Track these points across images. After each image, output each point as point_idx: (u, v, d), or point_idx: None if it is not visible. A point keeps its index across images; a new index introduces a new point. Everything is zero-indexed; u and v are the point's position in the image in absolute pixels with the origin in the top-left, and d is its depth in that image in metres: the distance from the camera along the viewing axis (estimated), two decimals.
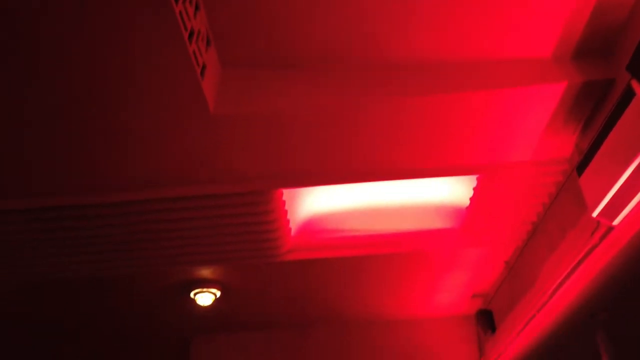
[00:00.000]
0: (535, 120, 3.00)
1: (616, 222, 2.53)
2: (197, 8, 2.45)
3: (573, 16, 2.58)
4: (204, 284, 4.60)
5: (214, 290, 4.62)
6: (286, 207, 3.91)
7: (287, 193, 3.85)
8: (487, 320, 4.50)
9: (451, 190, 3.98)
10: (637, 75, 2.31)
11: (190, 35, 2.40)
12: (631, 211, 2.41)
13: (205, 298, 4.64)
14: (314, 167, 3.41)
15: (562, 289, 3.07)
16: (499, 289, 4.50)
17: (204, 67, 2.62)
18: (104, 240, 3.88)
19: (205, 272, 4.52)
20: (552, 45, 2.76)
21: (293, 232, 4.21)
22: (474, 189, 3.71)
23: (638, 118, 2.17)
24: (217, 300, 4.76)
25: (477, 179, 3.63)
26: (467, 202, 3.89)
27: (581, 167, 2.72)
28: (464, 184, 3.84)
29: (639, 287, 2.62)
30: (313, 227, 4.31)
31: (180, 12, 2.24)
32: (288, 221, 4.04)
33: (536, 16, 2.62)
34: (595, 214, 2.56)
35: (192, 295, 4.67)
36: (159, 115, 2.84)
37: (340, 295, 5.06)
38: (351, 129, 3.07)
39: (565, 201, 3.26)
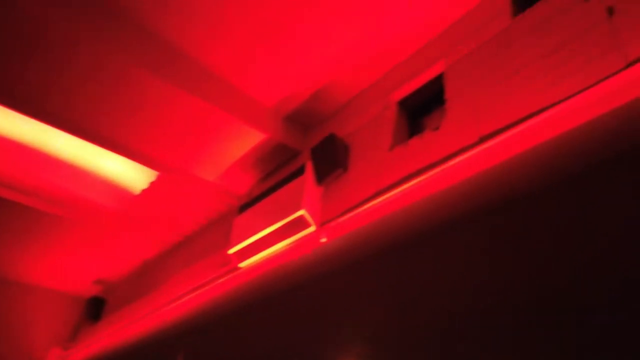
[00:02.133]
0: (231, 150, 3.18)
1: (242, 264, 2.83)
2: None
3: (304, 84, 2.90)
4: None
5: None
6: None
7: None
8: (95, 309, 4.30)
9: (131, 175, 3.79)
10: (314, 159, 2.72)
11: None
12: (255, 262, 2.75)
13: None
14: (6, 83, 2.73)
15: (167, 308, 3.21)
16: (123, 284, 4.41)
17: None
18: None
19: None
20: (277, 98, 3.01)
21: None
22: (151, 183, 3.65)
23: (292, 194, 2.52)
24: None
25: (158, 176, 3.58)
26: (139, 191, 3.77)
27: (242, 208, 2.99)
28: (145, 175, 3.71)
29: (212, 328, 2.95)
30: None
31: None
32: None
33: (279, 69, 2.83)
34: (231, 251, 2.81)
35: None
36: None
37: None
38: (62, 56, 2.59)
39: (220, 230, 3.50)
